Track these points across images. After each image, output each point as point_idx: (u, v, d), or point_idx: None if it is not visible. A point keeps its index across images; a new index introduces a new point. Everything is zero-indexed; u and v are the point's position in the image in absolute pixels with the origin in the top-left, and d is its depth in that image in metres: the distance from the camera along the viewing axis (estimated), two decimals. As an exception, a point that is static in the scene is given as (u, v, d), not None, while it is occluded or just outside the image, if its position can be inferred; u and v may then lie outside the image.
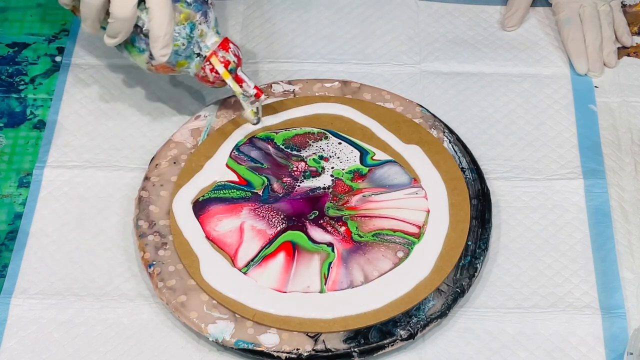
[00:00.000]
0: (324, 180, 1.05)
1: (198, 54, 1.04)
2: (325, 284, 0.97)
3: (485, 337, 0.96)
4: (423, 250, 1.00)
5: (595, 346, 0.96)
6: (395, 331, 0.95)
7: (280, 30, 1.19)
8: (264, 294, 0.96)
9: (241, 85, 1.05)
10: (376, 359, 0.95)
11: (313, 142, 1.07)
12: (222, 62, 1.04)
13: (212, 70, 1.04)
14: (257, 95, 1.06)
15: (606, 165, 1.08)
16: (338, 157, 1.06)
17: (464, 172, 1.05)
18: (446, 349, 0.96)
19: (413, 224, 1.01)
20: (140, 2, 1.00)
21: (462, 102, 1.13)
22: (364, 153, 1.06)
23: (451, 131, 1.08)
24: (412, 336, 0.95)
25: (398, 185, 1.04)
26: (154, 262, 0.98)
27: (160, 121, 1.11)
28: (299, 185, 1.04)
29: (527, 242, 1.03)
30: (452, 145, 1.07)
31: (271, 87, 1.12)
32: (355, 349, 0.94)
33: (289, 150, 1.07)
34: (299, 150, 1.07)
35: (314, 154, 1.06)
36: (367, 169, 1.05)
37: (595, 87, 1.15)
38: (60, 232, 1.02)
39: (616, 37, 1.18)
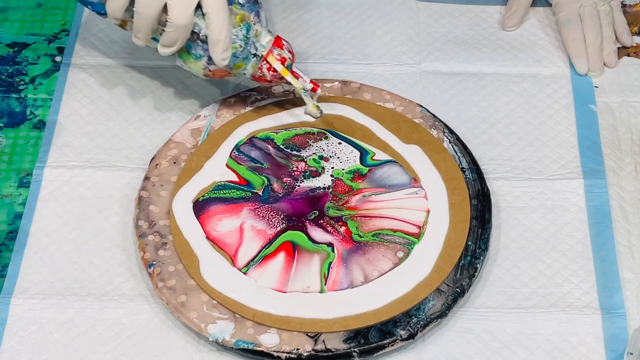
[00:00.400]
0: (324, 180, 1.05)
1: (254, 54, 1.04)
2: (325, 284, 0.97)
3: (485, 337, 0.96)
4: (423, 250, 1.00)
5: (595, 346, 0.96)
6: (395, 331, 0.95)
7: (280, 30, 1.19)
8: (264, 294, 0.96)
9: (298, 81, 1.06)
10: (376, 359, 0.95)
11: (313, 142, 1.07)
12: (278, 59, 1.04)
13: (270, 68, 1.04)
14: (313, 89, 1.06)
15: (606, 165, 1.08)
16: (338, 157, 1.06)
17: (464, 172, 1.05)
18: (446, 349, 0.96)
19: (413, 224, 1.01)
20: (196, 7, 0.99)
21: (462, 102, 1.13)
22: (364, 153, 1.06)
23: (451, 131, 1.08)
24: (412, 336, 0.95)
25: (398, 185, 1.04)
26: (154, 262, 0.98)
27: (160, 121, 1.11)
28: (299, 185, 1.04)
29: (527, 242, 1.02)
30: (452, 145, 1.07)
31: (271, 87, 1.12)
32: (355, 349, 0.94)
33: (289, 150, 1.07)
34: (299, 150, 1.07)
35: (314, 154, 1.06)
36: (367, 169, 1.05)
37: (595, 87, 1.15)
38: (60, 232, 1.02)
39: (616, 37, 1.18)
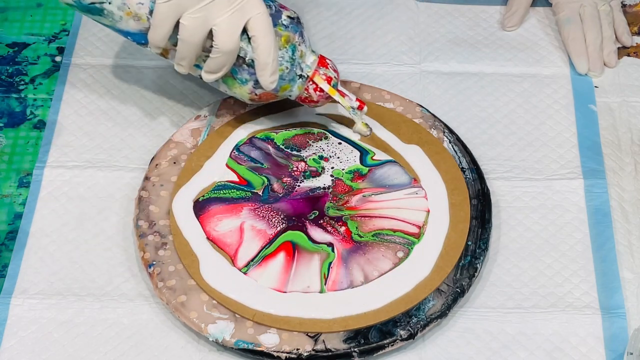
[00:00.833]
0: (324, 180, 1.05)
1: (300, 75, 1.02)
2: (325, 284, 0.97)
3: (485, 337, 0.96)
4: (423, 250, 1.00)
5: (595, 346, 0.96)
6: (395, 331, 0.95)
7: (280, 30, 1.19)
8: (264, 294, 0.96)
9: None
10: (376, 359, 0.95)
11: (313, 142, 1.07)
12: (324, 79, 1.03)
13: (316, 89, 1.03)
14: (360, 107, 1.05)
15: (606, 165, 1.08)
16: (338, 157, 1.06)
17: (464, 172, 1.05)
18: (446, 349, 0.96)
19: (413, 224, 1.01)
20: (241, 31, 0.98)
21: (462, 102, 1.13)
22: (364, 153, 1.06)
23: (451, 131, 1.08)
24: (412, 336, 0.95)
25: (398, 185, 1.04)
26: (154, 262, 0.98)
27: (160, 121, 1.11)
28: (299, 185, 1.04)
29: (527, 242, 1.02)
30: (452, 145, 1.07)
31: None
32: (355, 349, 0.94)
33: (289, 150, 1.07)
34: (299, 150, 1.07)
35: (314, 154, 1.06)
36: (367, 169, 1.05)
37: (595, 87, 1.15)
38: (60, 232, 1.02)
39: (616, 37, 1.18)
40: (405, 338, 0.95)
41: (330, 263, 0.99)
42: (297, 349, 0.94)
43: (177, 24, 0.98)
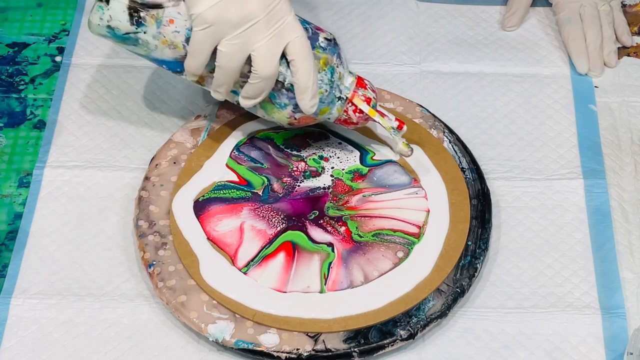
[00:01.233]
0: (324, 180, 1.05)
1: (339, 98, 1.01)
2: (325, 284, 0.97)
3: (485, 337, 0.96)
4: (423, 250, 1.00)
5: (595, 346, 0.96)
6: (395, 331, 0.95)
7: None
8: (264, 294, 0.96)
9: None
10: (376, 359, 0.95)
11: (313, 142, 1.07)
12: (364, 100, 1.01)
13: (356, 110, 1.01)
14: (399, 127, 1.03)
15: (606, 165, 1.08)
16: (338, 157, 1.06)
17: (464, 172, 1.05)
18: (446, 349, 0.96)
19: (413, 224, 1.01)
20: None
21: (462, 102, 1.13)
22: (364, 153, 1.06)
23: (451, 131, 1.08)
24: (412, 336, 0.95)
25: (398, 185, 1.04)
26: (154, 262, 0.98)
27: (160, 121, 1.11)
28: (299, 185, 1.04)
29: (527, 242, 1.02)
30: (452, 145, 1.07)
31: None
32: (355, 349, 0.94)
33: (289, 150, 1.07)
34: (299, 150, 1.07)
35: (314, 154, 1.06)
36: (367, 169, 1.05)
37: (595, 87, 1.15)
38: (60, 232, 1.02)
39: (616, 37, 1.18)
40: (405, 338, 0.95)
41: (330, 263, 0.99)
42: (297, 349, 0.94)
43: (214, 51, 0.96)
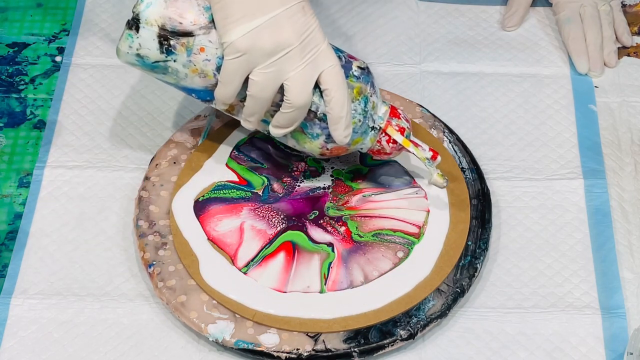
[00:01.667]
0: (324, 180, 1.05)
1: (372, 127, 0.98)
2: (325, 284, 0.97)
3: (485, 337, 0.96)
4: (423, 250, 1.00)
5: (595, 346, 0.96)
6: (395, 331, 0.95)
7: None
8: (264, 294, 0.96)
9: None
10: (376, 359, 0.95)
11: (313, 142, 1.07)
12: (397, 130, 0.99)
13: (389, 140, 0.99)
14: (433, 157, 1.00)
15: (606, 165, 1.08)
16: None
17: (464, 172, 1.05)
18: (446, 349, 0.96)
19: (413, 224, 1.01)
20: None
21: (462, 102, 1.13)
22: (364, 153, 1.06)
23: (451, 131, 1.08)
24: (412, 336, 0.95)
25: (398, 185, 1.04)
26: (154, 262, 0.98)
27: (160, 121, 1.11)
28: (299, 185, 1.04)
29: (527, 242, 1.02)
30: (452, 145, 1.07)
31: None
32: (355, 349, 0.94)
33: (289, 150, 1.07)
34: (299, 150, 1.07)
35: (314, 154, 1.07)
36: (367, 168, 1.05)
37: (595, 87, 1.15)
38: (60, 232, 1.02)
39: (616, 37, 1.18)
40: (405, 338, 0.95)
41: (330, 263, 0.99)
42: (297, 349, 0.94)
43: (245, 80, 0.94)
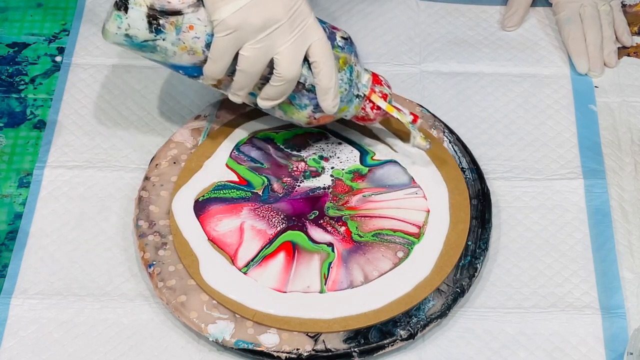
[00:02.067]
0: (324, 180, 1.05)
1: (357, 95, 1.01)
2: (325, 284, 0.97)
3: (485, 337, 0.96)
4: (423, 250, 1.00)
5: (595, 346, 0.96)
6: (395, 331, 0.95)
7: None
8: (264, 294, 0.96)
9: None
10: (376, 359, 0.95)
11: (313, 142, 1.07)
12: (380, 96, 1.02)
13: (373, 107, 1.02)
14: (414, 120, 1.03)
15: (606, 165, 1.08)
16: (338, 157, 1.06)
17: (464, 172, 1.05)
18: (446, 349, 0.96)
19: (413, 224, 1.01)
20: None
21: (462, 102, 1.13)
22: (363, 153, 1.06)
23: (451, 131, 1.08)
24: (412, 336, 0.95)
25: (398, 185, 1.04)
26: (154, 262, 0.98)
27: (160, 121, 1.11)
28: (299, 185, 1.04)
29: (527, 242, 1.02)
30: (452, 145, 1.07)
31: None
32: (355, 349, 0.94)
33: (289, 150, 1.07)
34: (299, 150, 1.07)
35: (314, 154, 1.06)
36: (367, 169, 1.05)
37: (595, 87, 1.15)
38: (60, 232, 1.02)
39: (616, 37, 1.18)
40: (405, 338, 0.95)
41: (330, 263, 0.99)
42: (297, 349, 0.94)
43: (235, 55, 0.96)
